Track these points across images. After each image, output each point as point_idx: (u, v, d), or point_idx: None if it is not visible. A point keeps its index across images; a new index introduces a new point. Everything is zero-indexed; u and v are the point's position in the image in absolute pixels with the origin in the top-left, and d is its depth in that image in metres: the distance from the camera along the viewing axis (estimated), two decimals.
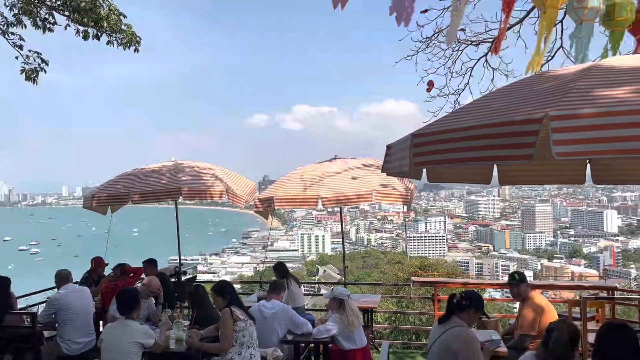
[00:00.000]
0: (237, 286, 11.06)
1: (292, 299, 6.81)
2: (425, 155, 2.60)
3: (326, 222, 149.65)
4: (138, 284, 6.92)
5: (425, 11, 6.90)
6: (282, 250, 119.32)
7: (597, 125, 1.98)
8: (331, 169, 7.56)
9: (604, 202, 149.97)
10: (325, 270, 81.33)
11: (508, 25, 3.83)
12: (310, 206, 7.30)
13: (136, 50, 8.52)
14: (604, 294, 7.41)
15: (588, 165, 4.27)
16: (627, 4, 3.61)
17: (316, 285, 24.13)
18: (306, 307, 7.97)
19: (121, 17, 8.11)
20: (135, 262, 8.14)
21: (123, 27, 8.19)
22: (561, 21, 6.89)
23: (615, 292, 7.46)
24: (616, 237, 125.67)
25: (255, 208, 7.76)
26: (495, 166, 4.11)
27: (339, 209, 8.83)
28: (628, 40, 4.03)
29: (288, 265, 7.83)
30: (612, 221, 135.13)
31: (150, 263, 7.77)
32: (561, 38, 7.19)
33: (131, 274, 7.58)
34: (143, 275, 7.67)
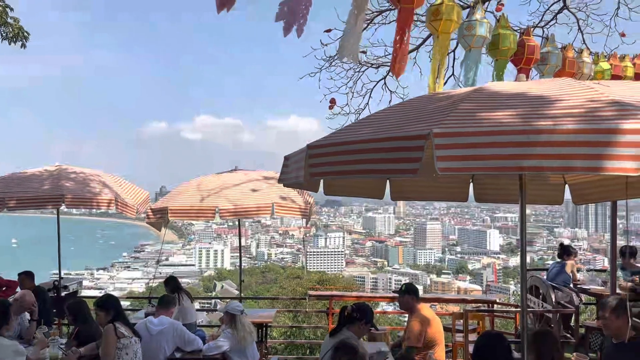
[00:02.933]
0: (125, 302, 10.45)
1: (183, 315, 6.54)
2: (320, 167, 2.63)
3: (226, 236, 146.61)
4: (11, 299, 6.32)
5: (328, 30, 7.10)
6: (178, 265, 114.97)
7: (476, 143, 2.11)
8: (231, 180, 7.40)
9: (488, 222, 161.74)
10: (223, 286, 79.51)
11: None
12: (208, 218, 7.07)
13: (23, 45, 7.94)
14: (485, 307, 7.95)
15: (471, 183, 4.59)
16: (510, 35, 4.01)
17: (212, 301, 23.45)
18: (201, 324, 7.69)
19: (7, 9, 7.51)
20: (10, 275, 7.44)
21: (9, 20, 7.59)
22: (453, 50, 7.42)
23: (494, 305, 8.05)
24: (498, 255, 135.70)
25: (147, 219, 7.37)
26: (387, 181, 4.27)
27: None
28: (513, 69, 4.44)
29: (183, 280, 7.56)
30: (495, 240, 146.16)
31: (27, 276, 7.12)
32: (453, 66, 7.75)
33: (4, 288, 6.93)
34: (18, 289, 7.02)
